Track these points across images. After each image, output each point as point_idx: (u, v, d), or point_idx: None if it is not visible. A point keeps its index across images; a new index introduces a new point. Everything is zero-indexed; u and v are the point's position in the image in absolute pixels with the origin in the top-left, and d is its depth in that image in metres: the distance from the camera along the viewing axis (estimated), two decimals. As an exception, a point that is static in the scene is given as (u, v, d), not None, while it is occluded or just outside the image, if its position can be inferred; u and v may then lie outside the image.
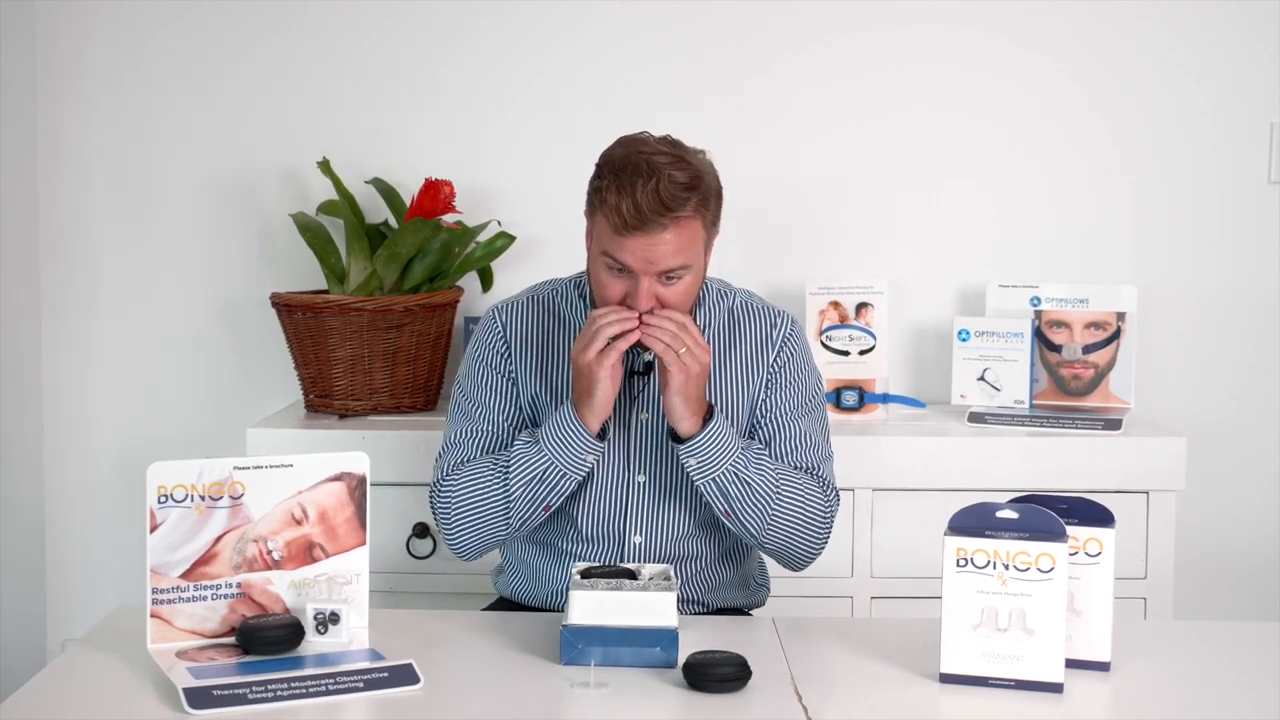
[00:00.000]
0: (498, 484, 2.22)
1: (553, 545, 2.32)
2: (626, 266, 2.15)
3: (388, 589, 2.83)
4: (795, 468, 2.28)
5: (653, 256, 2.14)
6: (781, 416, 2.30)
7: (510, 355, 2.32)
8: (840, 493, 2.34)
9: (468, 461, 2.27)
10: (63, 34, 3.21)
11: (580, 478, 2.21)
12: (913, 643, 2.02)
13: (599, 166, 2.19)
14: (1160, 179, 3.25)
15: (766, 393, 2.31)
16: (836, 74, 3.23)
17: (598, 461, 2.25)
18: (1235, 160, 3.24)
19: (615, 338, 2.14)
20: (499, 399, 2.31)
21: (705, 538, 2.32)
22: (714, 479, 2.19)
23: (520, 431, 2.27)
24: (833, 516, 2.29)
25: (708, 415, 2.19)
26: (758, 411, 2.31)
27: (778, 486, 2.22)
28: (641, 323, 2.15)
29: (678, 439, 2.19)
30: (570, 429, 2.18)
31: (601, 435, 2.20)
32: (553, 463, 2.19)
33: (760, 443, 2.28)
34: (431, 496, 2.29)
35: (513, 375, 2.31)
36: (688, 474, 2.21)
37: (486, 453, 2.28)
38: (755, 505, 2.21)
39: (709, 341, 2.25)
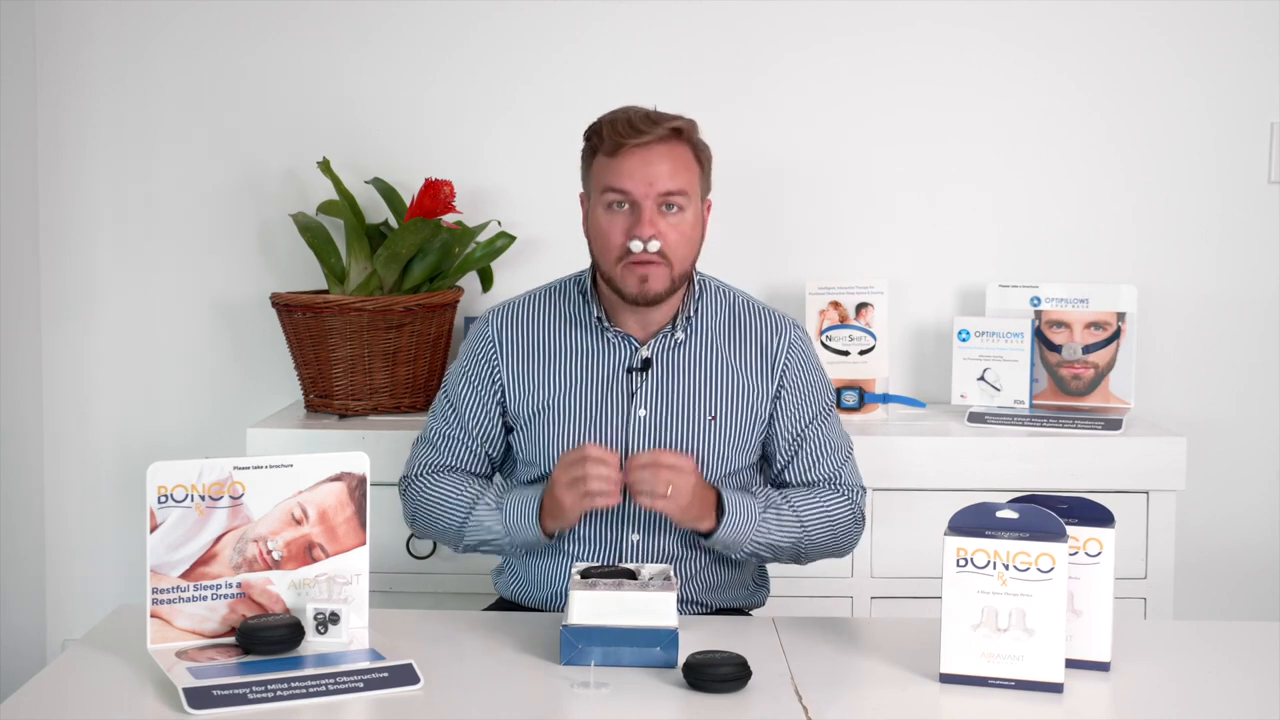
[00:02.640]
0: (458, 516, 2.32)
1: (552, 544, 2.32)
2: (626, 194, 2.23)
3: (388, 589, 2.84)
4: (818, 480, 2.35)
5: (650, 175, 2.22)
6: (798, 429, 2.35)
7: (498, 364, 2.36)
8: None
9: (439, 472, 2.37)
10: (63, 34, 3.21)
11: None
12: (913, 643, 2.02)
13: (590, 126, 2.32)
14: (1160, 179, 3.25)
15: (777, 407, 2.34)
16: (837, 74, 3.23)
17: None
18: (1235, 160, 3.24)
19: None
20: (474, 412, 2.37)
21: (703, 534, 2.33)
22: (742, 553, 2.28)
23: (499, 440, 2.38)
24: (861, 513, 2.37)
25: (719, 502, 2.24)
26: (773, 428, 2.35)
27: (804, 526, 2.30)
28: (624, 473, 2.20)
29: (699, 534, 2.27)
30: (529, 524, 2.26)
31: (554, 535, 2.28)
32: (507, 535, 2.29)
33: (780, 461, 2.35)
34: (400, 483, 2.40)
35: (499, 382, 2.36)
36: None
37: (455, 461, 2.38)
38: (788, 551, 2.31)
39: (709, 336, 2.33)
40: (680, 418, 2.30)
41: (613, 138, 2.24)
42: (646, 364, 2.30)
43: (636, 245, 2.23)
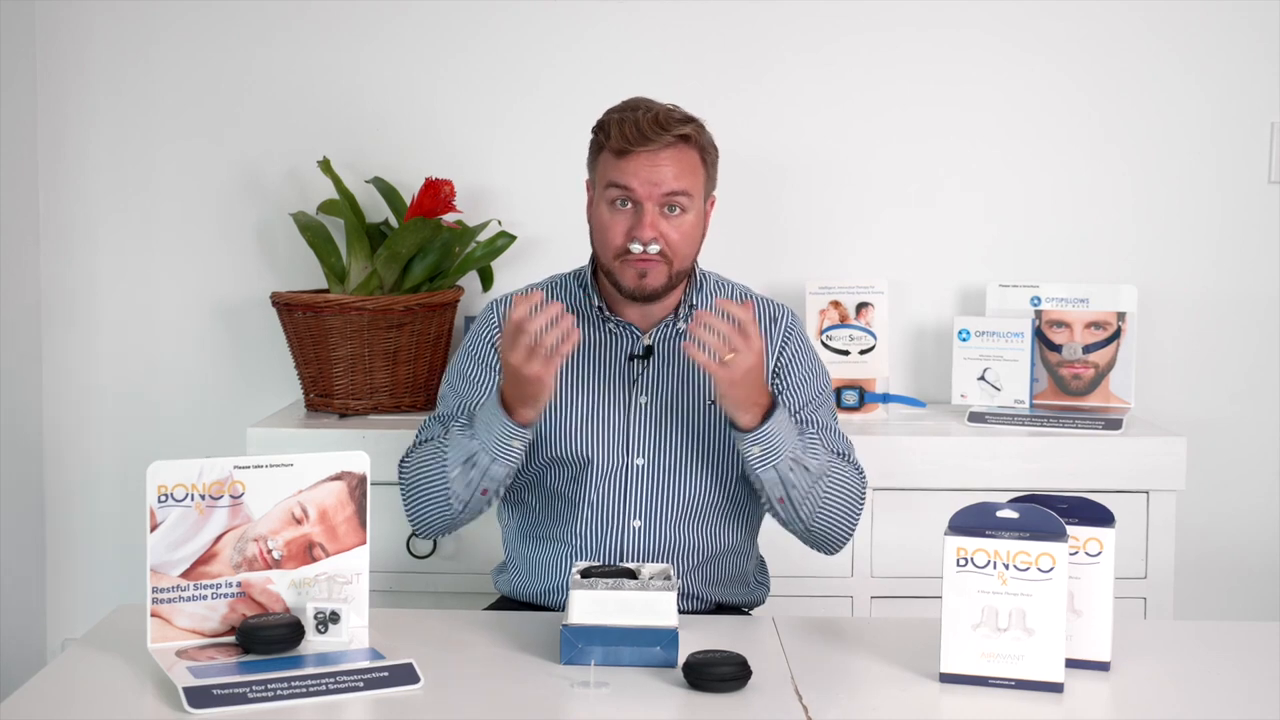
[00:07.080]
0: (438, 461, 2.26)
1: (552, 531, 2.33)
2: (630, 192, 2.23)
3: (388, 589, 2.84)
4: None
5: (655, 178, 2.23)
6: (793, 411, 2.32)
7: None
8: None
9: (428, 440, 2.31)
10: (63, 34, 3.21)
11: (512, 466, 2.22)
12: (913, 643, 2.02)
13: (600, 118, 2.32)
14: (1160, 179, 3.26)
15: (775, 387, 2.33)
16: (838, 74, 3.23)
17: (597, 445, 2.29)
18: (1235, 160, 3.24)
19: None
20: (478, 391, 2.33)
21: (705, 522, 2.33)
22: (775, 466, 2.20)
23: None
24: (865, 495, 2.32)
25: (771, 404, 2.20)
26: None
27: (827, 471, 2.25)
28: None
29: (737, 427, 2.20)
30: (497, 419, 2.19)
31: (528, 424, 2.20)
32: (483, 447, 2.21)
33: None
34: (399, 472, 2.33)
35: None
36: (746, 462, 2.21)
37: None
38: (810, 490, 2.23)
39: None
40: (681, 403, 2.31)
41: (620, 141, 2.25)
42: (648, 352, 2.32)
43: (636, 247, 2.24)
